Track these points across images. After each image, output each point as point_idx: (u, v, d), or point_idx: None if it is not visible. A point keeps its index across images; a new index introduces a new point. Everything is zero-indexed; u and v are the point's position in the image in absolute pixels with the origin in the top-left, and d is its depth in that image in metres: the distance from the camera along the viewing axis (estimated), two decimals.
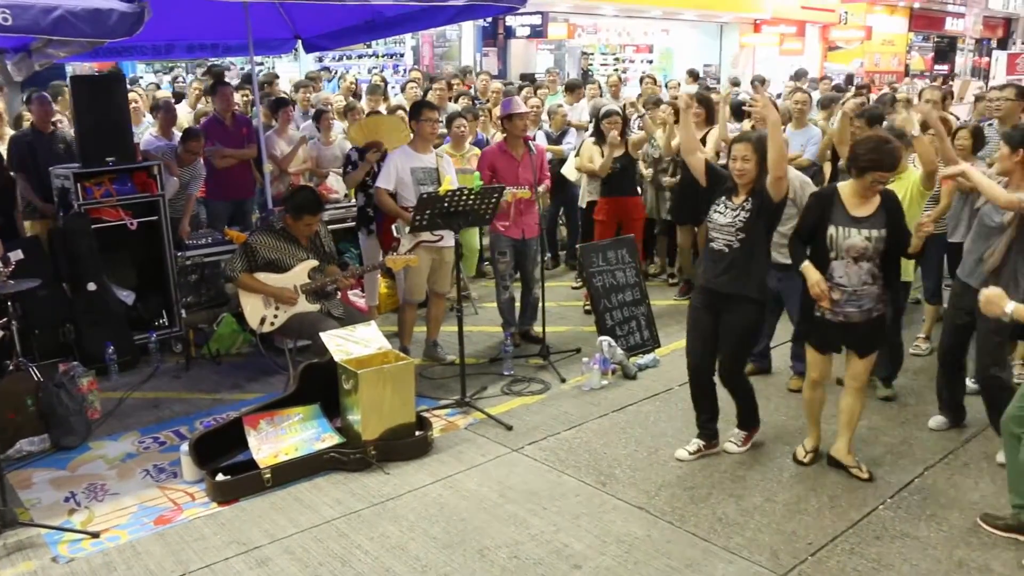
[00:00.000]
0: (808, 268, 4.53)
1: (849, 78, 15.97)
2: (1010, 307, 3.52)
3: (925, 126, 5.55)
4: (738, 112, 7.88)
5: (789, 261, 4.93)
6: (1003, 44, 29.11)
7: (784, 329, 5.96)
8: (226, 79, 10.36)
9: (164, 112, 7.74)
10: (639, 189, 7.90)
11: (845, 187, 4.54)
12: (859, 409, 4.77)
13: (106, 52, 7.88)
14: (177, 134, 7.65)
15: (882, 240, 4.43)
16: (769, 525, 4.22)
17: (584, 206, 8.02)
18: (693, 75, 15.09)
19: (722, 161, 6.17)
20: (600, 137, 7.40)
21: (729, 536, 4.12)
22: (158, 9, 4.71)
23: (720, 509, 4.36)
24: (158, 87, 12.35)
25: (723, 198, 4.73)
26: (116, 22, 4.50)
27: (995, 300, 3.60)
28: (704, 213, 7.80)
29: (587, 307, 7.66)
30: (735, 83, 15.10)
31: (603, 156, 7.32)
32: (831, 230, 4.46)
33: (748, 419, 5.06)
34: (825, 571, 3.85)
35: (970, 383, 5.87)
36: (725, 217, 4.65)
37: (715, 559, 3.94)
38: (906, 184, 5.33)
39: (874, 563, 3.91)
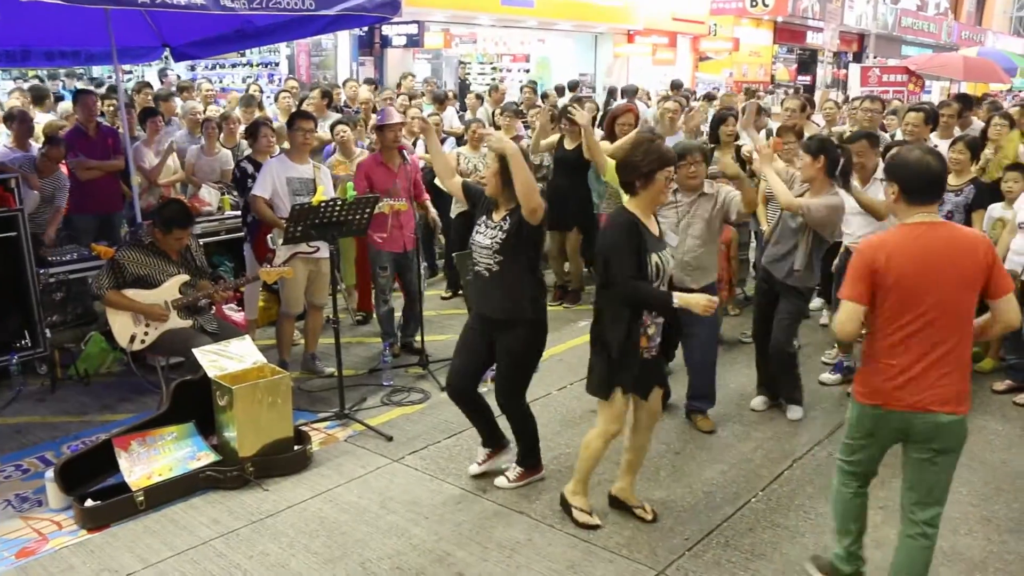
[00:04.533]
0: (684, 296, 3.91)
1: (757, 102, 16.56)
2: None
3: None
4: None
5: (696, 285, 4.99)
6: (858, 57, 30.76)
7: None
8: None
9: (19, 123, 7.38)
10: None
11: (633, 208, 4.04)
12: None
13: None
14: (35, 145, 7.32)
15: None
16: (647, 523, 4.33)
17: (454, 216, 8.04)
18: (570, 88, 15.19)
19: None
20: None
21: (608, 536, 4.22)
22: (8, 13, 4.49)
23: (599, 510, 4.44)
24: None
25: (484, 217, 4.43)
26: None
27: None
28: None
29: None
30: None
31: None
32: (655, 258, 3.95)
33: (527, 455, 4.70)
34: (701, 564, 3.99)
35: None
36: (485, 238, 4.36)
37: (596, 559, 4.03)
38: None
39: (748, 554, 4.08)
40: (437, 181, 8.09)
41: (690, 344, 5.33)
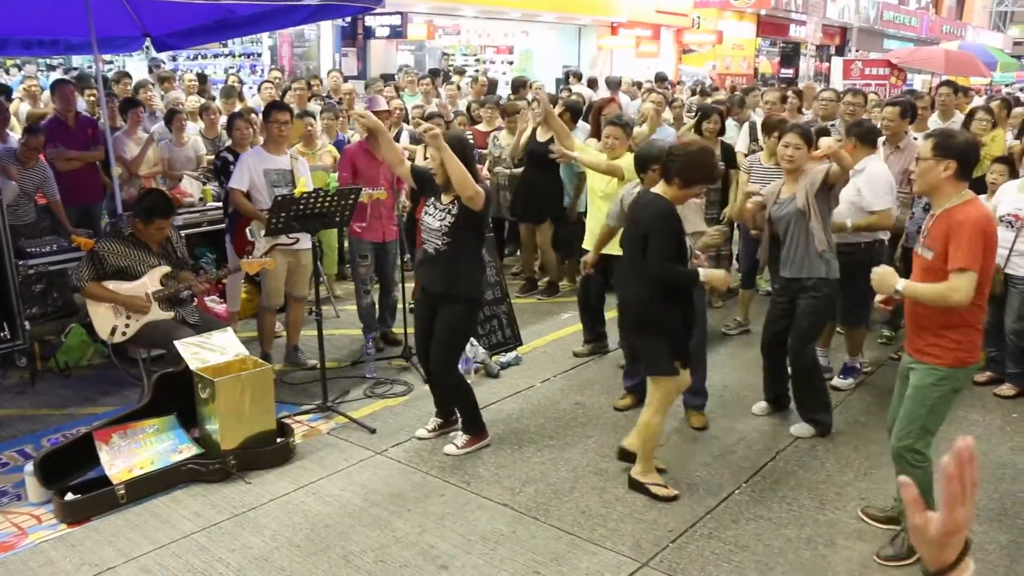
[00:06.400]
0: (707, 272, 4.32)
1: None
2: (900, 284, 3.58)
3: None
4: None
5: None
6: (840, 51, 30.88)
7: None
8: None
9: None
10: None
11: (664, 194, 4.33)
12: None
13: None
14: (12, 135, 7.23)
15: None
16: (631, 515, 4.34)
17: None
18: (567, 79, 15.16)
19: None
20: None
21: (593, 528, 4.22)
22: None
23: (583, 502, 4.46)
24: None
25: (432, 199, 4.80)
26: None
27: (887, 277, 3.63)
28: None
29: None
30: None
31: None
32: (688, 240, 4.38)
33: (469, 424, 5.04)
34: (685, 556, 4.00)
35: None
36: (435, 220, 4.72)
37: (580, 551, 4.03)
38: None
39: (731, 545, 4.09)
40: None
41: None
